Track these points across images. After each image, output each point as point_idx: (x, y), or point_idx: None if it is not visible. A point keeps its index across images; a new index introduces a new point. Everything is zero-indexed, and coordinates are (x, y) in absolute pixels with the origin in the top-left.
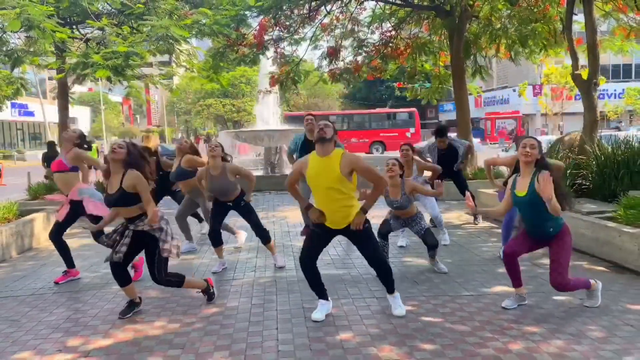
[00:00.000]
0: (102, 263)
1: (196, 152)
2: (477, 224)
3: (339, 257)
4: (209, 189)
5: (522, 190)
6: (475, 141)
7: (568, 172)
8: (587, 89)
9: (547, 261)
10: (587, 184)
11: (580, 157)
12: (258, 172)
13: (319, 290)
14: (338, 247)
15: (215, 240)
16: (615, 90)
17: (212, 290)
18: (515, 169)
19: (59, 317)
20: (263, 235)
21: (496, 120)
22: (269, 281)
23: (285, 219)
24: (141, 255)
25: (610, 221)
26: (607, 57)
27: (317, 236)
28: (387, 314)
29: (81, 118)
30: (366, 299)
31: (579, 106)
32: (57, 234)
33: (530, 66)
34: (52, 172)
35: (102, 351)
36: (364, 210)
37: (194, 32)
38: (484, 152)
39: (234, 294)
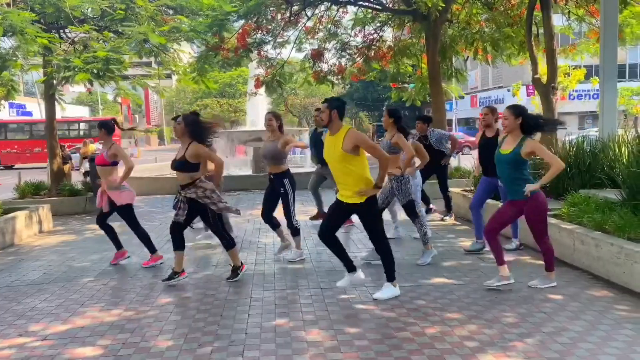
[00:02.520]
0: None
1: None
2: (445, 221)
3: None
4: None
5: (506, 149)
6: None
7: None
8: (546, 92)
9: (491, 255)
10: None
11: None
12: (246, 172)
13: (344, 261)
14: (349, 240)
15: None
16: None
17: (239, 273)
18: None
19: (25, 306)
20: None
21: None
22: (273, 271)
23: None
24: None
25: (554, 218)
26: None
27: (332, 210)
28: (326, 302)
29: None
30: (359, 287)
31: (573, 106)
32: (101, 220)
33: (525, 67)
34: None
35: (58, 335)
36: (376, 185)
37: (171, 38)
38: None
39: (189, 286)
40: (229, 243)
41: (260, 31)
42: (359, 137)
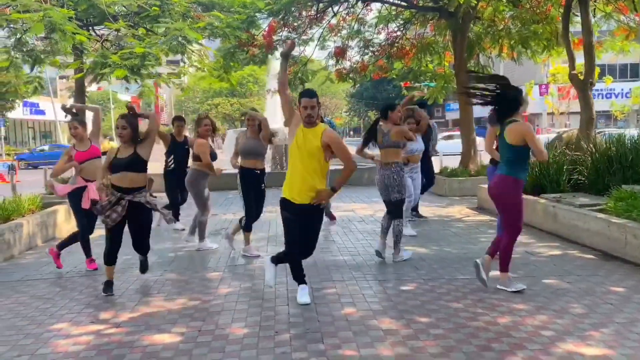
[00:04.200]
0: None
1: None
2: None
3: (344, 246)
4: None
5: None
6: (480, 140)
7: (564, 167)
8: (583, 87)
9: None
10: (583, 179)
11: (576, 153)
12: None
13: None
14: (344, 236)
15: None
16: (622, 89)
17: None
18: None
19: (88, 295)
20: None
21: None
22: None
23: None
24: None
25: (600, 213)
26: (614, 57)
27: (290, 222)
28: (387, 293)
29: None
30: (369, 281)
31: None
32: None
33: (537, 66)
34: None
35: (131, 323)
36: (333, 188)
37: (206, 34)
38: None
39: (246, 277)
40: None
41: (286, 28)
42: (335, 137)
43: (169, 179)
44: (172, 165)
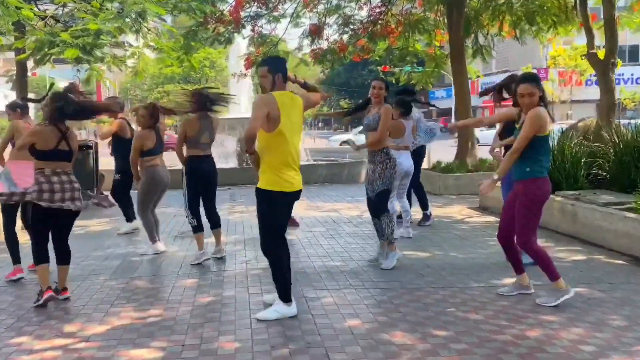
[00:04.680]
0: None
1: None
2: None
3: (334, 251)
4: None
5: (520, 124)
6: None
7: (583, 161)
8: (603, 69)
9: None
10: (604, 173)
11: (596, 144)
12: (230, 165)
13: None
14: (332, 239)
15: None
16: (632, 74)
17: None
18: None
19: (49, 306)
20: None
21: (495, 110)
22: (263, 272)
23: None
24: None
25: (630, 212)
26: (623, 37)
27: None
28: (394, 303)
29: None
30: (370, 290)
31: (590, 92)
32: None
33: (535, 47)
34: None
35: (102, 336)
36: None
37: (169, 8)
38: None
39: (228, 284)
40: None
41: (255, 2)
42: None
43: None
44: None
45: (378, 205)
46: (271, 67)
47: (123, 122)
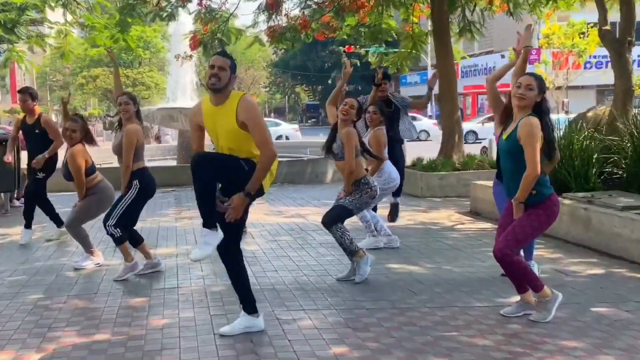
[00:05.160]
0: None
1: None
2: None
3: (305, 264)
4: None
5: (507, 133)
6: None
7: (594, 157)
8: (619, 49)
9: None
10: (620, 172)
11: (610, 137)
12: (172, 162)
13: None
14: (301, 250)
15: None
16: (639, 56)
17: None
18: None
19: None
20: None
21: (478, 96)
22: (225, 290)
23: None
24: None
25: None
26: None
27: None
28: (385, 326)
29: None
30: (353, 310)
31: (590, 77)
32: None
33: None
34: None
35: None
36: (248, 193)
37: None
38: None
39: (185, 304)
40: None
41: None
42: (252, 115)
43: None
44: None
45: (331, 216)
46: (233, 63)
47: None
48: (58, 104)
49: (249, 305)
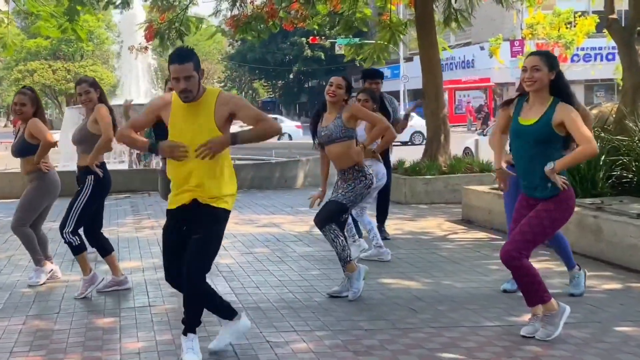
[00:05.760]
0: None
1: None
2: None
3: (289, 279)
4: None
5: (530, 118)
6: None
7: (602, 159)
8: (627, 40)
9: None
10: (630, 175)
11: (618, 137)
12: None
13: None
14: (282, 264)
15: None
16: None
17: None
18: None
19: None
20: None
21: (456, 92)
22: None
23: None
24: None
25: None
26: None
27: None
28: (389, 349)
29: None
30: (351, 331)
31: (578, 71)
32: None
33: (505, 13)
34: None
35: None
36: (233, 135)
37: None
38: None
39: (161, 325)
40: None
41: None
42: (237, 101)
43: None
44: None
45: (323, 213)
46: (195, 59)
47: None
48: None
49: (226, 311)
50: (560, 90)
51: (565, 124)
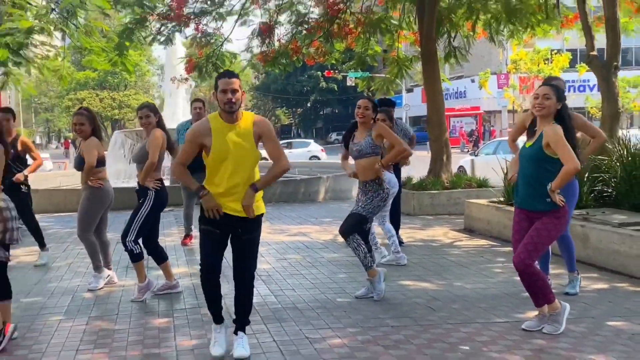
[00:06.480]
0: (22, 291)
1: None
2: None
3: (320, 281)
4: None
5: (530, 141)
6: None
7: (585, 176)
8: (606, 74)
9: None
10: (610, 191)
11: (599, 157)
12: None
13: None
14: (313, 268)
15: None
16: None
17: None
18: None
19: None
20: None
21: (450, 119)
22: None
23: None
24: None
25: None
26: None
27: (215, 237)
28: (414, 344)
29: None
30: (379, 328)
31: None
32: None
33: (493, 50)
34: None
35: None
36: (254, 186)
37: (111, 2)
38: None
39: (210, 324)
40: None
41: None
42: (267, 125)
43: None
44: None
45: (347, 225)
46: (240, 81)
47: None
48: (42, 126)
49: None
50: (563, 119)
51: (551, 146)
